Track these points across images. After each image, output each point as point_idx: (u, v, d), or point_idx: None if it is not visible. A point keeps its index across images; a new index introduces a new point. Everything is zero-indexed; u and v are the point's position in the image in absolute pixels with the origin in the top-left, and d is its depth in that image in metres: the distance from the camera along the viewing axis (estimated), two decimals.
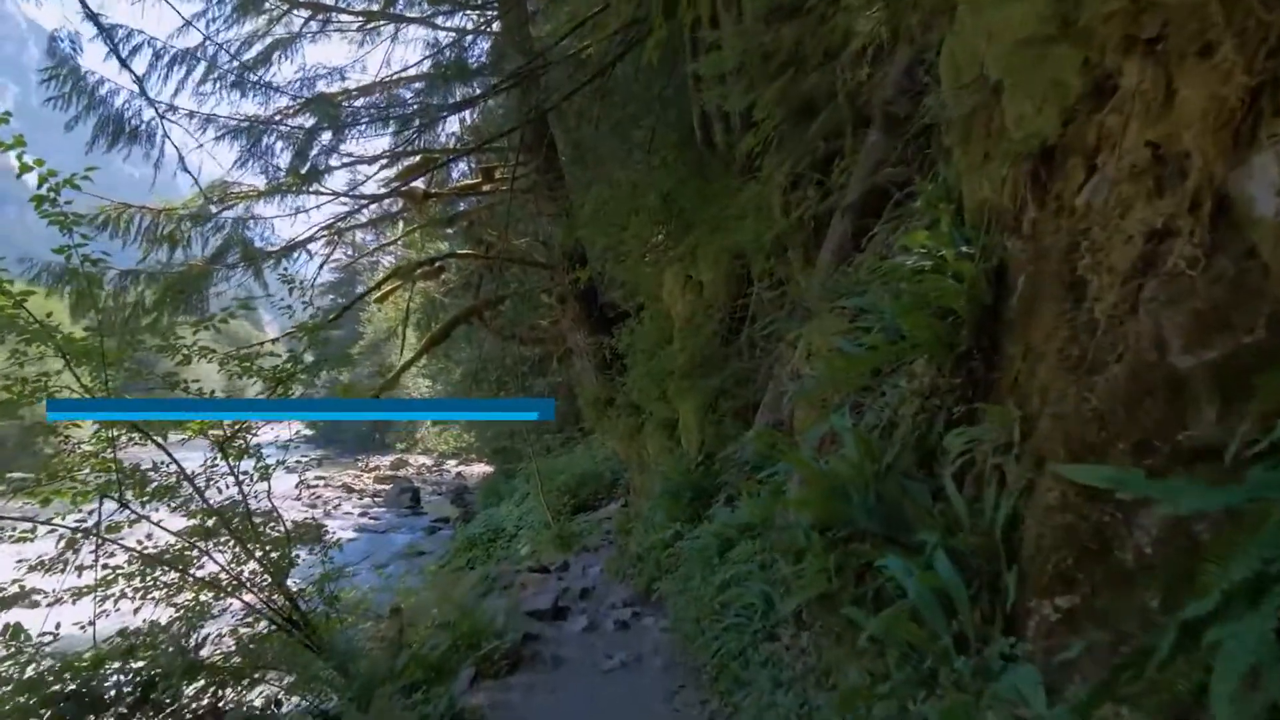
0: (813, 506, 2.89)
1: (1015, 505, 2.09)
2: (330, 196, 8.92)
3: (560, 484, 13.65)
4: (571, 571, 9.61)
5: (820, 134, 6.36)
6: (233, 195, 8.73)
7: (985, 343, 2.99)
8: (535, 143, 10.09)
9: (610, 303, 11.34)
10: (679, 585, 4.50)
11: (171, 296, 7.52)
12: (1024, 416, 2.24)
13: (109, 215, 7.50)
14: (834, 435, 3.34)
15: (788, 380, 4.09)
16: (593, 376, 10.80)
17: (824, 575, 2.62)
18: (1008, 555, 2.04)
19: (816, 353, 3.72)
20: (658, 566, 5.88)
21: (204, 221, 7.67)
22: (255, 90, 7.52)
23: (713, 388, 6.61)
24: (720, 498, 5.24)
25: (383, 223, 11.07)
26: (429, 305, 13.24)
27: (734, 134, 7.26)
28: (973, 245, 3.16)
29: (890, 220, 4.61)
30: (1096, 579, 1.70)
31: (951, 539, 2.22)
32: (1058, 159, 2.53)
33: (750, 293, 6.94)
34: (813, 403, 3.65)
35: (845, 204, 5.78)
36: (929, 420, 3.02)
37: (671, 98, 7.91)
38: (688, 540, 4.77)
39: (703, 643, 3.62)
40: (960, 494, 2.37)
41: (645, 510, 7.47)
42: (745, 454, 4.94)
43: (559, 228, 9.98)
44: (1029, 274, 2.70)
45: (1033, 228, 2.70)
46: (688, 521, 5.64)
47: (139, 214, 7.56)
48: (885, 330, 3.32)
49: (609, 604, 6.23)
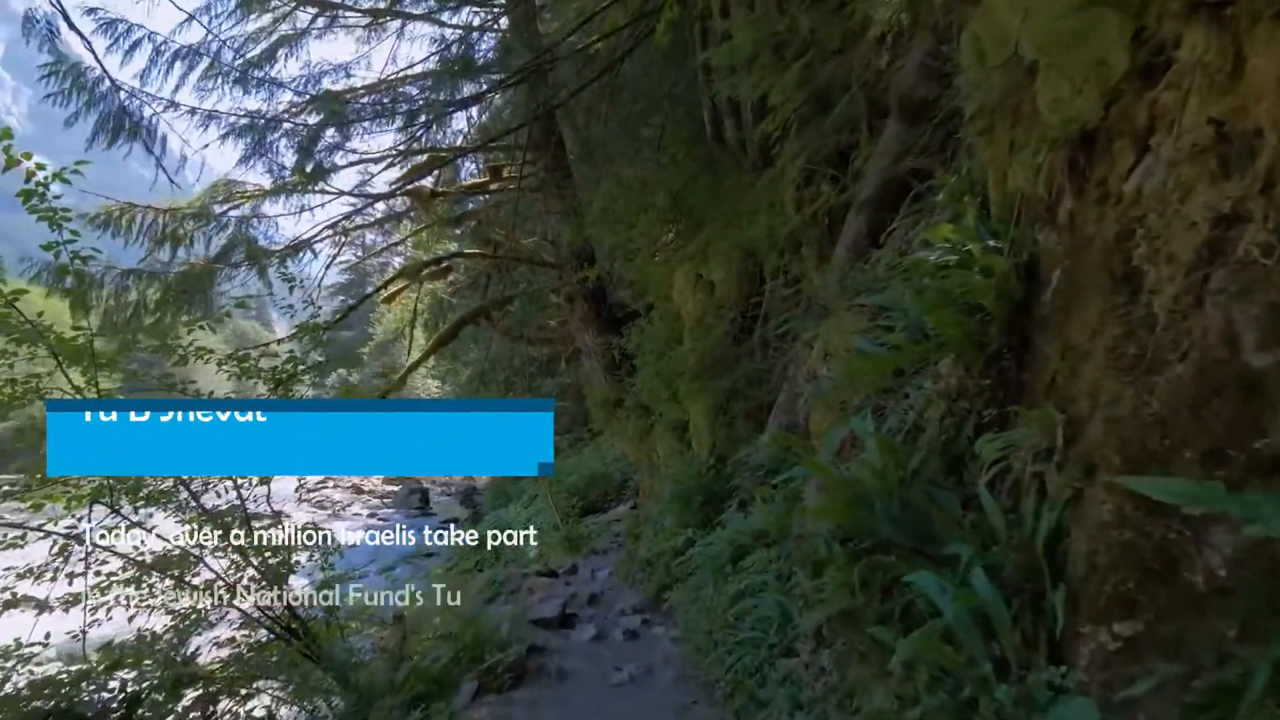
0: (833, 515, 2.72)
1: (1060, 518, 1.91)
2: (336, 195, 8.81)
3: (569, 485, 13.50)
4: (580, 575, 9.41)
5: (836, 126, 6.19)
6: (238, 194, 8.63)
7: (1016, 341, 2.81)
8: (543, 141, 9.94)
9: (619, 302, 11.17)
10: (690, 594, 4.33)
11: (174, 296, 7.41)
12: (1068, 420, 2.05)
13: (112, 215, 7.40)
14: (854, 439, 3.16)
15: (803, 381, 3.92)
16: (601, 377, 10.64)
17: (847, 590, 2.44)
18: (1052, 573, 1.86)
19: (834, 352, 3.54)
20: (668, 573, 5.70)
21: (207, 221, 7.56)
22: (259, 87, 7.41)
23: (724, 389, 6.43)
24: (732, 502, 5.06)
25: (389, 222, 10.95)
26: (437, 306, 13.12)
27: (745, 129, 7.09)
28: (1001, 239, 2.98)
29: (910, 214, 4.43)
30: (1162, 604, 1.52)
31: (987, 554, 2.04)
32: (1100, 143, 2.35)
33: (762, 291, 6.76)
34: (831, 405, 3.47)
35: (861, 199, 5.61)
36: (956, 424, 2.84)
37: (681, 93, 7.75)
38: (699, 547, 4.60)
39: (716, 656, 3.45)
40: (996, 504, 2.19)
41: (655, 514, 7.30)
42: (759, 457, 4.77)
43: (567, 226, 9.83)
44: (1066, 268, 2.52)
45: (1070, 218, 2.51)
46: (699, 527, 5.47)
47: (143, 213, 7.46)
48: (908, 329, 3.14)
49: (618, 610, 6.06)
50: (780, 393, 5.30)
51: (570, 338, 11.91)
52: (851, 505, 2.74)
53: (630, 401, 9.17)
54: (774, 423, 5.21)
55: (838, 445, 3.02)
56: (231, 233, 7.95)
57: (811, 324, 4.10)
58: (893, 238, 4.48)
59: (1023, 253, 2.83)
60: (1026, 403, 2.56)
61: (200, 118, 7.21)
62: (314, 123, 7.49)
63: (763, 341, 6.30)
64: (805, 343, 3.91)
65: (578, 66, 8.23)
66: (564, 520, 11.78)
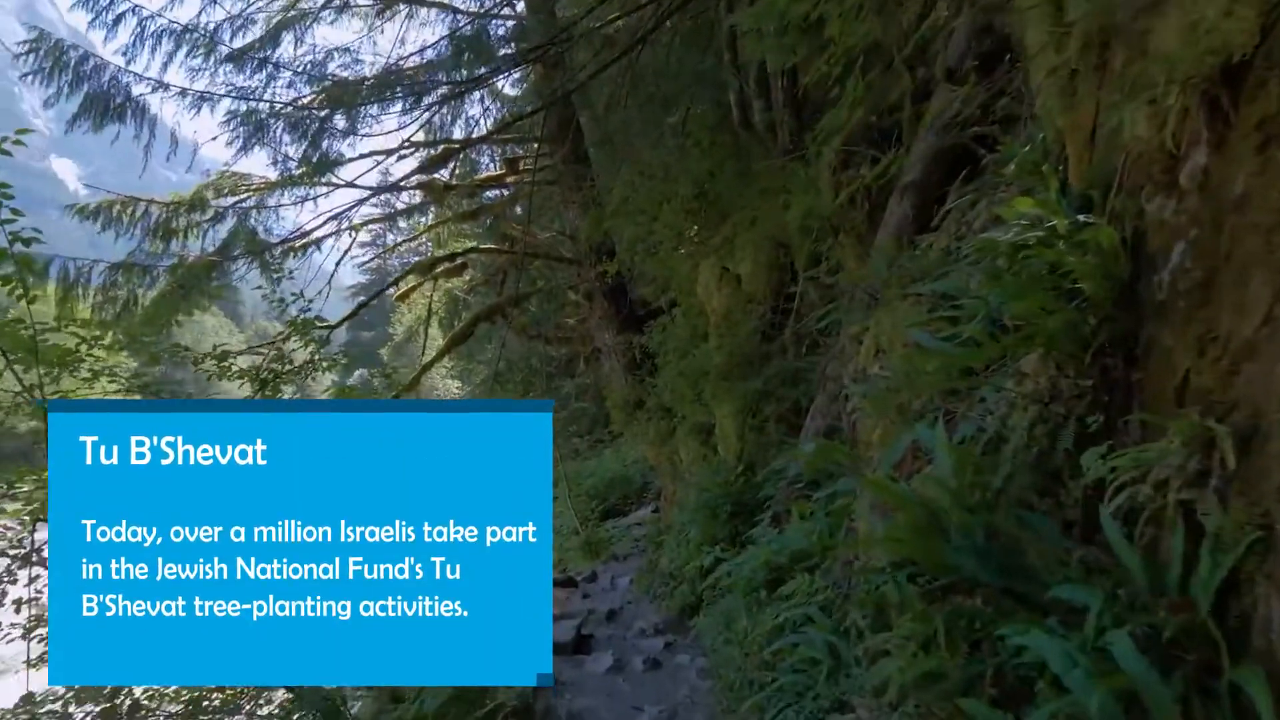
0: (899, 545, 2.23)
1: (1235, 565, 1.41)
2: (345, 187, 8.42)
3: (588, 488, 13.19)
4: (599, 583, 9.09)
5: (875, 102, 5.69)
6: (242, 187, 8.28)
7: (1121, 332, 2.30)
8: (560, 132, 9.53)
9: (640, 299, 10.75)
10: (719, 622, 3.85)
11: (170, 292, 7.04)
12: (1234, 434, 1.55)
13: (112, 209, 7.06)
14: (919, 451, 2.67)
15: (849, 382, 3.43)
16: (621, 377, 10.20)
17: (921, 642, 1.96)
18: (1230, 644, 1.36)
19: (888, 349, 3.05)
20: (693, 590, 5.24)
21: (204, 211, 7.18)
22: (260, 68, 7.00)
23: (753, 390, 5.94)
24: (764, 516, 4.57)
25: (402, 217, 10.57)
26: (452, 304, 12.74)
27: (776, 109, 6.59)
28: (1095, 212, 2.49)
29: (969, 191, 3.92)
30: None
31: (1127, 609, 1.55)
32: (1252, 79, 1.85)
33: (794, 284, 6.26)
34: (884, 409, 2.98)
35: (906, 180, 5.13)
36: (1050, 433, 2.33)
37: (706, 73, 7.28)
38: (729, 566, 4.11)
39: (752, 702, 2.96)
40: (1127, 542, 1.70)
41: (678, 523, 6.83)
42: (797, 467, 4.28)
43: (586, 219, 9.40)
44: (1195, 239, 2.02)
45: (1203, 176, 2.01)
46: (727, 542, 4.98)
47: (143, 206, 7.11)
48: (983, 320, 2.64)
49: (638, 629, 5.61)
50: (817, 394, 4.81)
51: (589, 336, 11.49)
52: (922, 532, 2.25)
53: (652, 403, 8.70)
54: (810, 426, 4.71)
55: (898, 457, 2.53)
56: (232, 226, 7.59)
57: (857, 316, 3.60)
58: (948, 220, 3.97)
59: (1125, 226, 2.34)
60: (1148, 408, 2.06)
61: (192, 99, 6.79)
62: (318, 107, 7.09)
63: (795, 338, 5.81)
64: (853, 337, 3.42)
65: (596, 48, 7.78)
66: (583, 524, 11.40)
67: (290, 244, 7.99)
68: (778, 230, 6.55)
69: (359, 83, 6.81)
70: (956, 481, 2.30)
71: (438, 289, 12.13)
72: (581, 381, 15.87)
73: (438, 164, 11.13)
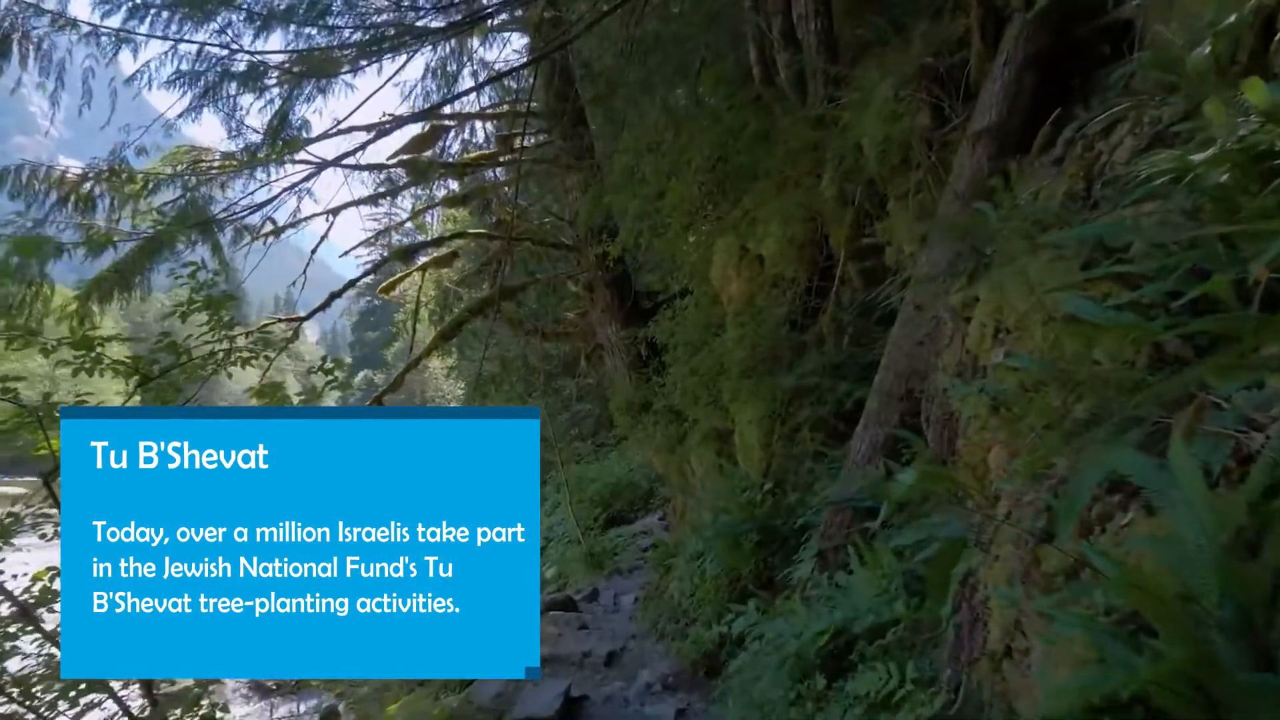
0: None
1: None
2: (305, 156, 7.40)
3: (591, 494, 12.39)
4: (601, 601, 8.19)
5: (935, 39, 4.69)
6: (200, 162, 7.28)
7: None
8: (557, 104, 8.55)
9: (646, 290, 9.76)
10: (751, 705, 2.79)
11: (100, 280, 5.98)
12: None
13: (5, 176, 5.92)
14: (1114, 487, 1.63)
15: (948, 379, 2.38)
16: (625, 376, 9.19)
17: None
18: None
19: (1021, 326, 2.00)
20: (711, 638, 4.22)
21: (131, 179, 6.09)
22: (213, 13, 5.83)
23: (782, 390, 4.90)
24: (806, 553, 3.53)
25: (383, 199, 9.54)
26: (442, 296, 11.72)
27: (808, 56, 5.54)
28: None
29: (1091, 119, 2.88)
30: None
31: None
32: None
33: (831, 262, 5.23)
34: (1020, 415, 1.93)
35: (978, 127, 4.16)
36: None
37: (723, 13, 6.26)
38: (764, 625, 3.06)
39: None
40: None
41: (690, 545, 5.78)
42: (851, 492, 3.22)
43: (584, 201, 8.38)
44: None
45: None
46: (755, 583, 3.93)
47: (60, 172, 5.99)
48: (1204, 275, 1.61)
49: (643, 683, 4.59)
50: (871, 394, 3.76)
51: (591, 331, 10.49)
52: (1171, 615, 1.23)
53: (659, 405, 7.65)
54: (864, 436, 3.68)
55: (1087, 494, 1.49)
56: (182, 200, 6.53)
57: (962, 281, 2.53)
58: (1066, 157, 2.93)
59: None
60: None
61: (110, 40, 5.65)
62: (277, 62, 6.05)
63: (836, 326, 4.75)
64: (956, 310, 2.38)
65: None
66: (585, 533, 10.51)
67: (239, 220, 6.96)
68: (809, 199, 5.51)
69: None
70: (1211, 528, 1.27)
71: (426, 280, 11.16)
72: (584, 381, 14.88)
73: (428, 143, 10.19)
